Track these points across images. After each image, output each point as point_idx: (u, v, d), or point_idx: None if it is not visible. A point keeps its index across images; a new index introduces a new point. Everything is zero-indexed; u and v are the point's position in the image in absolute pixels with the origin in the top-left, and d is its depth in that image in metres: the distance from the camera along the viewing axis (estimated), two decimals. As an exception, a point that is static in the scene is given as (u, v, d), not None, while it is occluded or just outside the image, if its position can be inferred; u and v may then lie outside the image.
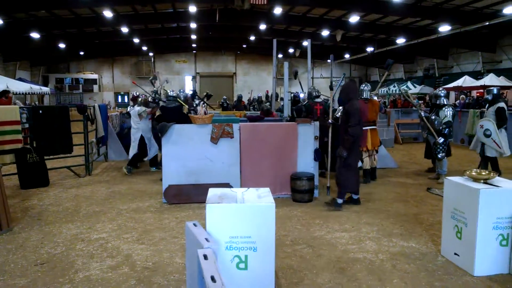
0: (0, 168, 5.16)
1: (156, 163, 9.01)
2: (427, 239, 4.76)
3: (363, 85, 7.95)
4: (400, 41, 24.87)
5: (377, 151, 7.92)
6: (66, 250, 4.42)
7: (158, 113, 7.99)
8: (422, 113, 8.17)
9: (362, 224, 5.31)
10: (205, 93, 9.51)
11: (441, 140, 7.52)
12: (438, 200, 6.21)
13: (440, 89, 8.35)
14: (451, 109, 7.73)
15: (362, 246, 4.55)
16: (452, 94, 23.61)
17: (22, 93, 18.79)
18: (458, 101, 20.37)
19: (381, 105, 8.46)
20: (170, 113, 7.62)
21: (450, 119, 7.61)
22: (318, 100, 8.46)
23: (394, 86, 25.69)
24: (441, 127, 7.58)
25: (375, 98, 8.17)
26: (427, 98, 22.11)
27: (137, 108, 8.53)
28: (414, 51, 28.07)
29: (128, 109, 9.93)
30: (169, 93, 8.55)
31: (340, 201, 6.05)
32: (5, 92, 14.62)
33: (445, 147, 7.58)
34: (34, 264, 4.07)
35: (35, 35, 23.48)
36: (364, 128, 7.63)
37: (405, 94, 10.67)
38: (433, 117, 7.78)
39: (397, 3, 18.80)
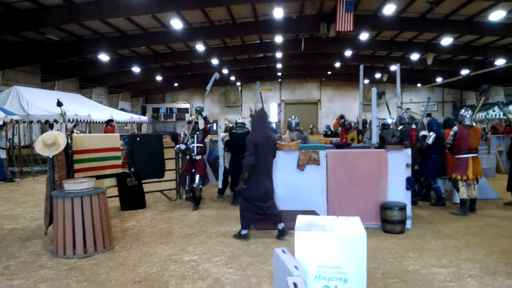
0: (105, 191, 5.66)
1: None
2: (540, 281, 4.25)
3: (463, 111, 7.49)
4: (500, 62, 23.06)
5: (477, 181, 7.35)
6: (161, 270, 4.67)
7: (227, 138, 8.27)
8: None
9: (461, 260, 4.90)
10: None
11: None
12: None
13: None
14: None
15: (463, 284, 4.18)
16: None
17: (124, 122, 20.54)
18: None
19: (483, 132, 7.89)
20: (239, 139, 7.85)
21: None
22: (414, 126, 8.16)
23: (494, 111, 23.71)
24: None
25: (474, 124, 7.65)
26: None
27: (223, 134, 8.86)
28: (516, 72, 25.85)
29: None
30: (237, 120, 8.81)
31: (243, 232, 5.82)
32: (110, 121, 16.23)
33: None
34: (133, 282, 4.35)
35: (135, 69, 25.83)
36: (465, 155, 7.18)
37: (505, 111, 9.72)
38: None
39: (494, 23, 17.53)
